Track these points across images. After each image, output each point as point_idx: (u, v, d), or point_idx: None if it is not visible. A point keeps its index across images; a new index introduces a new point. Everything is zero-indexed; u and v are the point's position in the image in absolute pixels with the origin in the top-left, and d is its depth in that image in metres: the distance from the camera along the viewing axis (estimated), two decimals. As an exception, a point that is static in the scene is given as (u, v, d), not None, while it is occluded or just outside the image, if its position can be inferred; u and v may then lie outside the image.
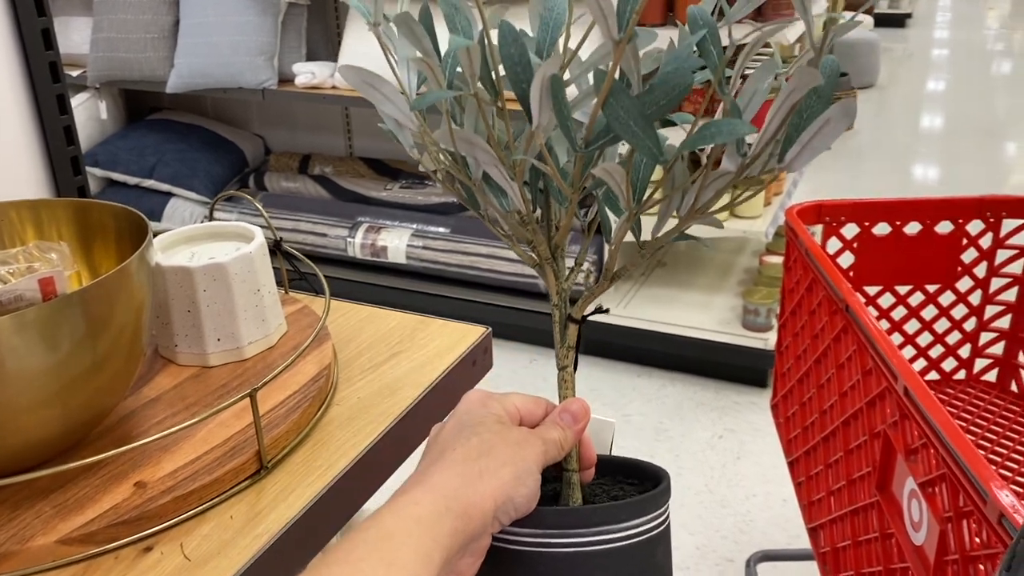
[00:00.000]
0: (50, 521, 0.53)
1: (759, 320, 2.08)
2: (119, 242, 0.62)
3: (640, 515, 0.46)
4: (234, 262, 0.66)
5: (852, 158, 3.99)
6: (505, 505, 0.43)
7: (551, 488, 0.50)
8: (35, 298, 0.51)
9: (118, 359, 0.57)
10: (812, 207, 1.30)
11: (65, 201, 0.63)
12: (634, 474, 0.52)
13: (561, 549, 0.45)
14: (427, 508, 0.41)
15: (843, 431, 1.06)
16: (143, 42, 2.71)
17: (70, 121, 0.90)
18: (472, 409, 0.48)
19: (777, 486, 1.85)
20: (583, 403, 0.50)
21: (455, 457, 0.44)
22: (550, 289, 0.49)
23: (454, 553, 0.42)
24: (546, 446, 0.46)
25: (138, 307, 0.57)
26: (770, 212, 2.13)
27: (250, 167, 3.00)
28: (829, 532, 1.12)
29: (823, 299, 1.12)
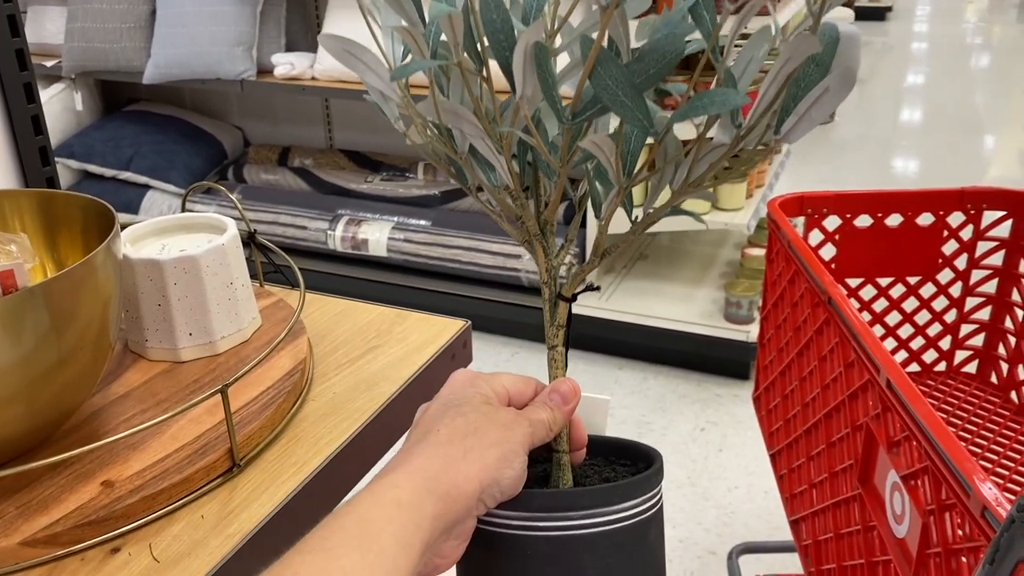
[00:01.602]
0: (13, 522, 0.51)
1: (741, 312, 2.08)
2: (85, 234, 0.60)
3: (630, 498, 0.45)
4: (206, 254, 0.64)
5: (833, 151, 4.00)
6: (490, 488, 0.43)
7: (541, 469, 0.49)
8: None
9: (85, 354, 0.55)
10: (794, 199, 1.30)
11: (29, 191, 0.61)
12: (627, 455, 0.51)
13: (549, 533, 0.44)
14: (408, 491, 0.40)
15: (825, 424, 1.05)
16: (119, 32, 2.67)
17: (38, 110, 0.88)
18: (458, 389, 0.47)
19: (759, 478, 1.85)
20: (573, 383, 0.48)
21: (439, 438, 0.43)
22: (539, 266, 0.48)
23: (436, 536, 0.41)
24: (533, 427, 0.45)
25: (105, 301, 0.56)
26: (752, 205, 2.13)
27: (229, 159, 2.97)
28: (811, 525, 1.12)
29: (805, 291, 1.12)
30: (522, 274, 2.30)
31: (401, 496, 0.40)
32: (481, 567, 0.46)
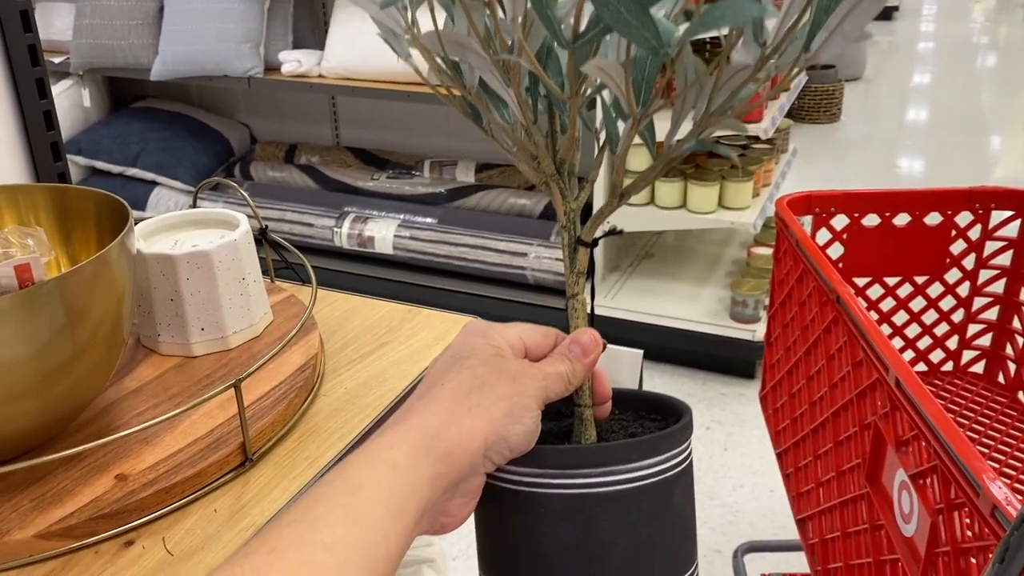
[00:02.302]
0: (28, 515, 0.51)
1: (747, 312, 2.08)
2: (99, 229, 0.60)
3: (652, 455, 0.42)
4: (218, 250, 0.64)
5: (839, 151, 4.00)
6: (498, 444, 0.40)
7: (567, 424, 0.47)
8: (11, 285, 0.49)
9: (98, 349, 0.56)
10: (802, 198, 1.30)
11: (43, 186, 0.61)
12: (659, 410, 0.48)
13: (563, 491, 0.41)
14: (403, 452, 0.38)
15: (833, 422, 1.05)
16: (127, 29, 2.67)
17: (50, 106, 0.88)
18: (468, 341, 0.44)
19: (764, 477, 1.85)
20: (594, 334, 0.45)
21: (442, 392, 0.41)
22: (557, 209, 0.45)
23: (438, 496, 0.39)
24: (548, 380, 0.42)
25: (119, 295, 0.56)
26: (758, 203, 2.13)
27: (236, 156, 2.97)
28: (818, 523, 1.12)
29: (813, 290, 1.12)
30: (528, 272, 2.30)
31: (395, 458, 0.38)
32: (495, 523, 0.44)
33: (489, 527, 0.44)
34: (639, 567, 0.42)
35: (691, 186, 2.05)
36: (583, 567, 0.41)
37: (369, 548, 0.35)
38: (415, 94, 2.30)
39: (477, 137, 2.72)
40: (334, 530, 0.34)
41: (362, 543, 0.35)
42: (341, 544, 0.34)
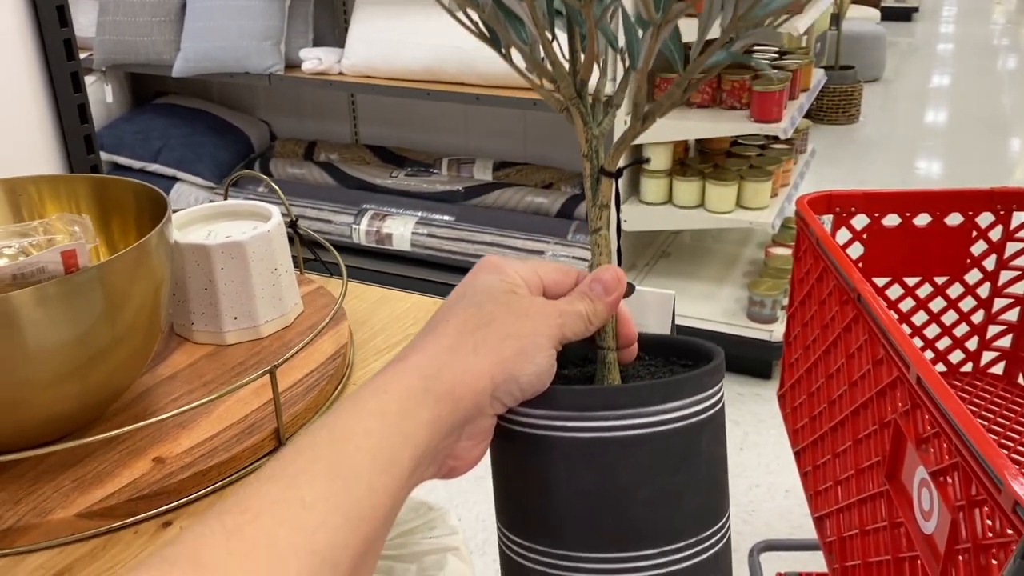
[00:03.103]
0: (70, 495, 0.53)
1: (765, 312, 2.08)
2: (138, 219, 0.62)
3: (675, 398, 0.39)
4: (252, 240, 0.66)
5: (858, 151, 3.98)
6: (507, 384, 0.37)
7: (591, 371, 0.44)
8: (57, 270, 0.50)
9: (137, 335, 0.57)
10: (822, 197, 1.30)
11: (84, 177, 0.63)
12: (691, 355, 0.45)
13: (578, 434, 0.39)
14: (397, 396, 0.35)
15: (852, 421, 1.06)
16: (149, 25, 2.70)
17: (84, 99, 0.90)
18: (480, 277, 0.41)
19: (780, 477, 1.85)
20: (617, 271, 0.42)
21: (447, 330, 0.38)
22: (579, 137, 0.42)
23: (439, 440, 0.36)
24: (564, 318, 0.40)
25: (158, 283, 0.57)
26: (776, 203, 2.13)
27: (256, 153, 3.00)
28: (836, 521, 1.12)
29: (833, 289, 1.12)
30: (545, 270, 2.31)
31: (386, 404, 0.35)
32: (507, 468, 0.42)
33: (502, 472, 0.42)
34: (661, 518, 0.39)
35: (709, 185, 2.05)
36: (600, 516, 0.39)
37: (353, 504, 0.32)
38: (435, 92, 2.32)
39: (495, 135, 2.73)
40: (314, 486, 0.32)
41: (345, 499, 0.32)
42: (321, 501, 0.31)
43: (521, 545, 0.41)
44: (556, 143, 2.65)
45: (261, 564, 0.29)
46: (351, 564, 0.31)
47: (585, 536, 0.39)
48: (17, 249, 0.52)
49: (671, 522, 0.39)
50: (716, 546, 0.41)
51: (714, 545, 0.41)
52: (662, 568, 0.39)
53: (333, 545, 0.31)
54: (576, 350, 0.45)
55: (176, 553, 0.29)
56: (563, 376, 0.44)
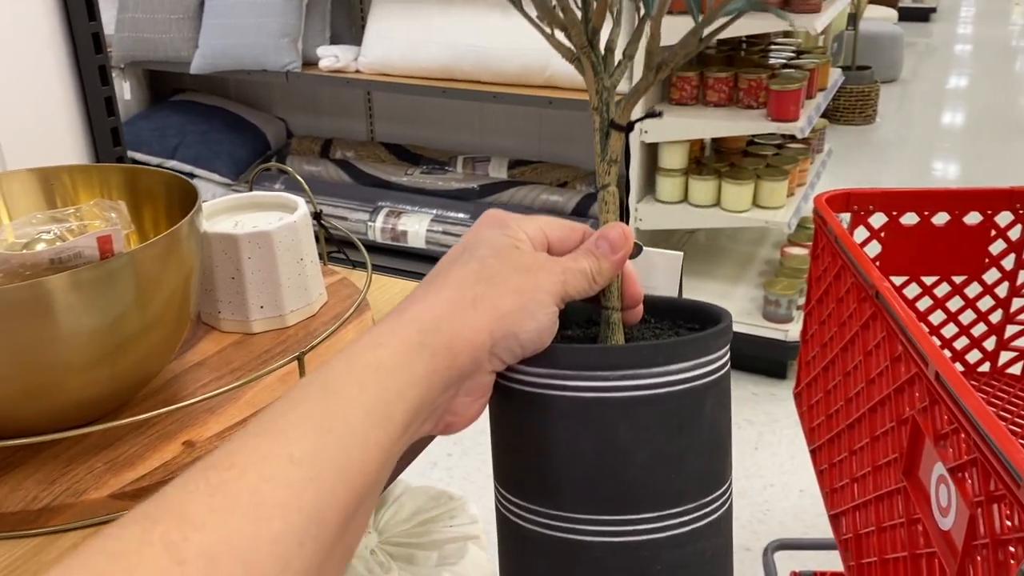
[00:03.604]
0: (102, 476, 0.54)
1: (780, 311, 2.08)
2: (168, 209, 0.63)
3: (679, 359, 0.38)
4: (279, 230, 0.67)
5: (874, 152, 3.97)
6: (506, 340, 0.37)
7: (595, 332, 0.43)
8: (93, 256, 0.52)
9: (168, 322, 0.58)
10: (841, 195, 1.30)
11: (117, 166, 0.64)
12: (699, 318, 0.44)
13: (577, 393, 0.38)
14: (393, 349, 0.34)
15: (869, 418, 1.06)
16: (168, 23, 2.72)
17: (111, 92, 0.91)
18: (482, 232, 0.40)
19: (794, 476, 1.85)
20: (624, 229, 0.41)
21: (446, 283, 0.37)
22: (589, 88, 0.41)
23: (435, 396, 0.35)
24: (567, 275, 0.39)
25: (188, 271, 0.58)
26: (793, 203, 2.13)
27: (272, 150, 3.02)
28: (852, 519, 1.12)
29: (851, 286, 1.12)
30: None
31: (381, 357, 0.34)
32: (505, 427, 0.41)
33: (500, 430, 0.41)
34: (660, 481, 0.38)
35: (725, 184, 2.05)
36: (598, 477, 0.38)
37: (344, 461, 0.31)
38: (451, 90, 2.33)
39: (510, 134, 2.74)
40: (304, 441, 0.31)
41: (336, 455, 0.31)
42: (310, 457, 0.30)
43: (517, 505, 0.40)
44: (571, 141, 2.65)
45: (244, 521, 0.28)
46: (340, 520, 0.31)
47: (582, 498, 0.38)
48: (54, 235, 0.53)
49: (671, 486, 0.39)
50: (717, 512, 0.40)
51: (715, 511, 0.40)
52: (661, 532, 0.39)
53: (321, 501, 0.30)
54: (581, 311, 0.44)
55: (158, 508, 0.28)
56: (566, 337, 0.43)
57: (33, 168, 0.63)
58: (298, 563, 0.29)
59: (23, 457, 0.56)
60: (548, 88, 2.25)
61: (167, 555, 0.26)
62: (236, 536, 0.28)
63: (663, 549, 0.39)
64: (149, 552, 0.26)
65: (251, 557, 0.28)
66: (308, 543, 0.29)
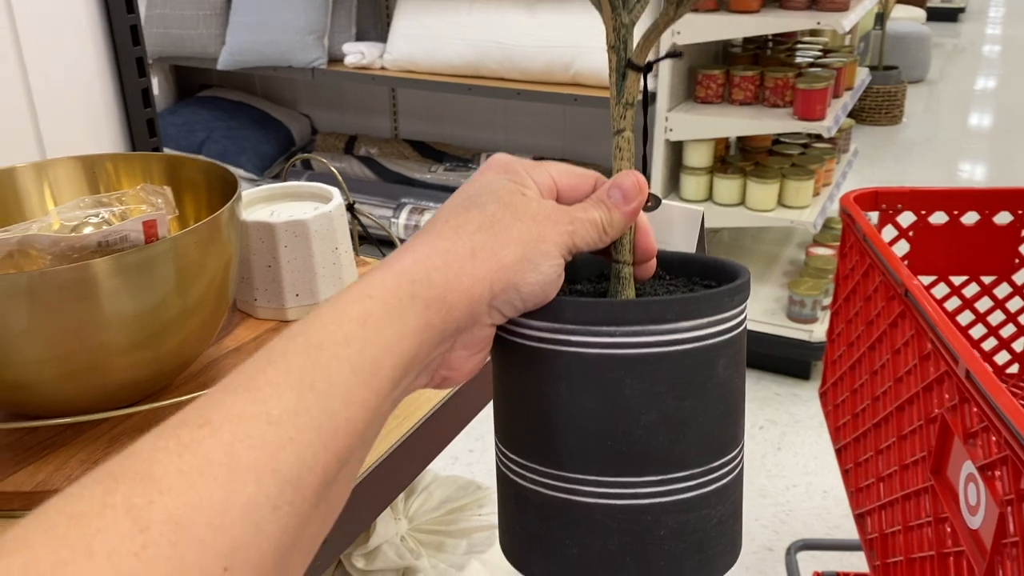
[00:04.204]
0: (143, 457, 0.55)
1: (805, 311, 2.07)
2: (209, 197, 0.64)
3: (691, 316, 0.36)
4: (315, 220, 0.68)
5: (900, 152, 3.93)
6: (507, 293, 0.35)
7: (606, 288, 0.41)
8: (138, 239, 0.53)
9: (207, 307, 0.59)
10: (869, 193, 1.29)
11: (158, 155, 0.65)
12: (716, 275, 0.42)
13: (582, 349, 0.36)
14: (382, 301, 0.32)
15: (896, 416, 1.05)
16: (195, 19, 2.75)
17: (148, 84, 0.93)
18: (486, 178, 0.38)
19: (818, 477, 1.84)
20: (637, 178, 0.39)
21: (443, 231, 0.35)
22: (606, 25, 0.39)
23: (429, 350, 0.34)
24: (575, 225, 0.37)
25: (228, 258, 0.59)
26: (818, 203, 2.12)
27: (297, 146, 3.04)
28: (878, 518, 1.12)
29: (879, 285, 1.12)
30: (583, 265, 2.32)
31: (370, 310, 0.32)
32: (507, 383, 0.40)
33: (501, 386, 0.40)
34: (666, 444, 0.37)
35: (751, 183, 2.05)
36: (600, 438, 0.36)
37: (326, 419, 0.29)
38: (476, 87, 2.33)
39: (534, 131, 2.74)
40: (283, 399, 0.29)
41: (317, 414, 0.29)
42: (290, 416, 0.29)
43: (517, 463, 0.39)
44: (595, 139, 2.65)
45: (215, 484, 0.26)
46: (319, 483, 0.29)
47: (584, 458, 0.37)
48: (101, 219, 0.54)
49: (677, 449, 0.37)
50: (725, 478, 0.39)
51: (723, 476, 0.38)
52: (665, 496, 0.37)
53: (299, 464, 0.28)
54: (592, 265, 0.43)
55: (124, 467, 0.26)
56: (575, 292, 0.42)
57: (77, 155, 0.64)
58: (272, 528, 0.27)
59: (67, 437, 0.57)
60: (573, 85, 2.25)
61: (129, 519, 0.25)
62: (205, 500, 0.26)
63: (667, 514, 0.37)
64: (110, 515, 0.25)
65: (221, 522, 0.26)
66: (284, 507, 0.28)
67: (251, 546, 0.26)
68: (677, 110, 2.05)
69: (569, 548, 0.37)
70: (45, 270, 0.51)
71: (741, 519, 0.41)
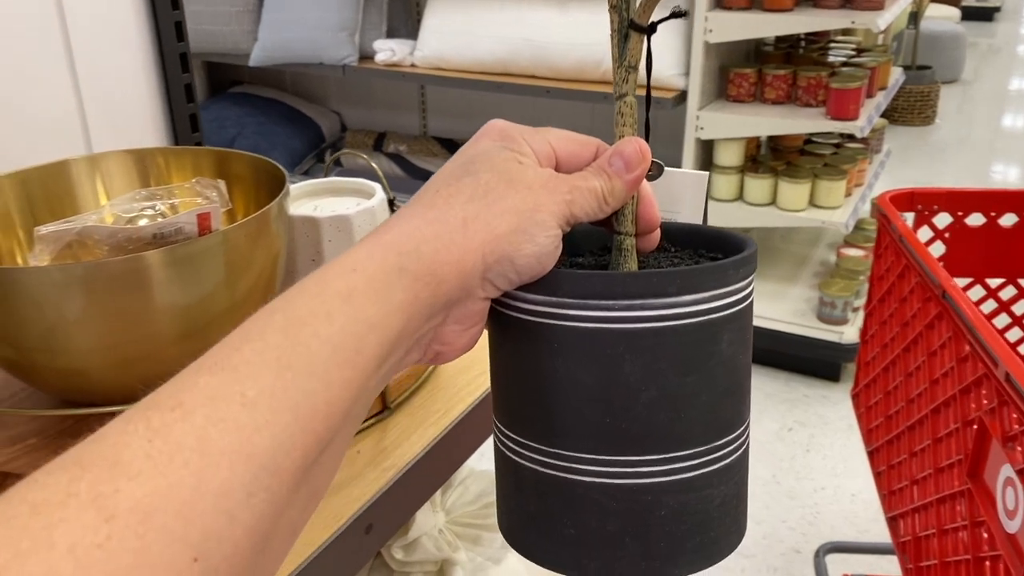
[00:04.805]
0: (192, 445, 0.56)
1: (835, 313, 2.05)
2: (256, 191, 0.65)
3: (695, 290, 0.35)
4: (358, 215, 0.69)
5: (933, 153, 3.89)
6: (500, 265, 0.33)
7: (607, 260, 0.40)
8: (192, 232, 0.54)
9: (255, 301, 0.60)
10: (905, 194, 1.28)
11: (208, 149, 0.66)
12: (723, 247, 0.40)
13: (580, 323, 0.35)
14: (368, 275, 0.31)
15: (932, 419, 1.04)
16: (228, 16, 2.78)
17: (191, 79, 0.94)
18: (481, 144, 0.36)
19: (847, 480, 1.83)
20: (640, 145, 0.37)
21: (434, 201, 0.34)
22: None
23: (418, 325, 0.32)
24: (574, 195, 0.35)
25: (276, 252, 0.60)
26: (850, 203, 2.10)
27: (326, 143, 3.07)
28: (911, 521, 1.11)
29: (916, 286, 1.11)
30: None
31: (355, 284, 0.31)
32: (503, 358, 0.38)
33: (497, 361, 0.39)
34: (666, 422, 0.35)
35: (782, 183, 2.04)
36: (598, 416, 0.35)
37: (305, 401, 0.28)
38: (505, 85, 2.34)
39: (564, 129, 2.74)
40: (259, 380, 0.27)
41: (296, 395, 0.28)
42: (266, 398, 0.27)
43: (514, 440, 0.38)
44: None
45: (185, 470, 0.25)
46: (298, 468, 0.28)
47: (581, 436, 0.36)
48: (156, 211, 0.56)
49: (678, 427, 0.35)
50: (729, 458, 0.37)
51: (727, 456, 0.37)
52: (665, 476, 0.36)
53: (276, 448, 0.27)
54: (596, 236, 0.41)
55: (91, 452, 0.25)
56: (576, 265, 0.40)
57: (129, 149, 0.65)
58: (247, 516, 0.26)
59: (118, 424, 0.58)
60: (603, 83, 2.25)
61: (94, 508, 0.23)
62: (175, 488, 0.25)
63: (667, 494, 0.36)
64: (74, 504, 0.24)
65: (191, 512, 0.25)
66: (259, 494, 0.26)
67: (224, 535, 0.25)
68: (708, 108, 2.05)
69: (567, 528, 0.37)
70: (100, 260, 0.52)
71: (746, 500, 0.40)
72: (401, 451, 0.58)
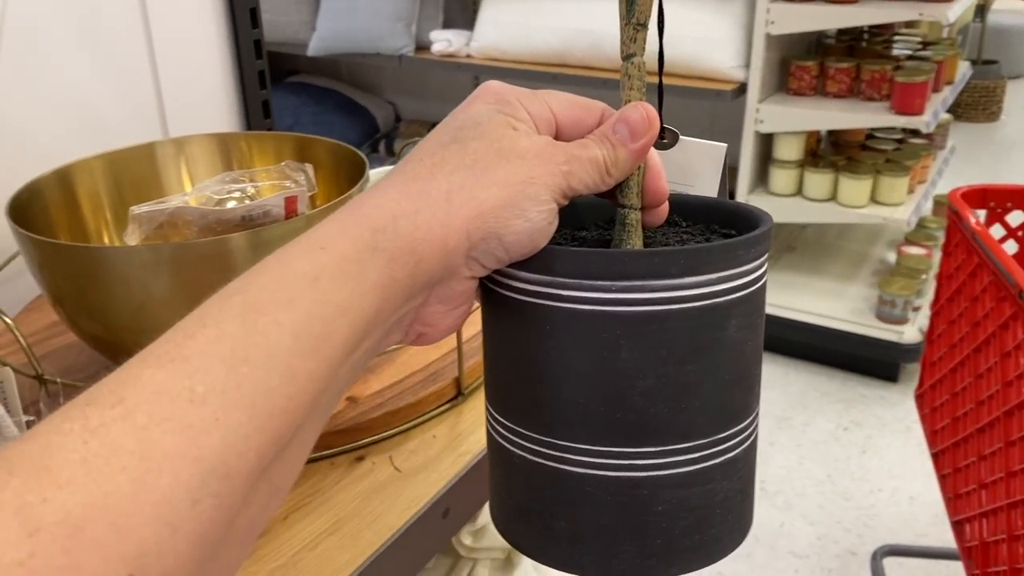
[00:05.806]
0: (273, 425, 0.57)
1: (895, 312, 2.01)
2: (336, 177, 0.66)
3: (701, 270, 0.32)
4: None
5: (999, 150, 3.78)
6: (487, 243, 0.30)
7: (611, 235, 0.36)
8: (279, 215, 0.54)
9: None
10: (977, 191, 1.25)
11: (289, 135, 0.67)
12: (737, 223, 0.37)
13: (578, 305, 0.32)
14: (338, 254, 0.28)
15: (1004, 422, 1.02)
16: (286, 5, 2.81)
17: (264, 66, 0.95)
18: (474, 108, 0.33)
19: (905, 482, 1.79)
20: (647, 110, 0.34)
21: (417, 171, 0.31)
22: None
23: (394, 308, 0.30)
24: (572, 165, 0.32)
25: (354, 235, 0.61)
26: (913, 200, 2.05)
27: (380, 133, 3.09)
28: (978, 526, 1.08)
29: (989, 285, 1.08)
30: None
31: (321, 264, 0.28)
32: (494, 340, 0.36)
33: (489, 342, 0.37)
34: (666, 413, 0.33)
35: (842, 178, 2.00)
36: (593, 405, 0.33)
37: (262, 397, 0.25)
38: (561, 76, 2.33)
39: (617, 122, 2.72)
40: (210, 374, 0.25)
41: (251, 391, 0.25)
42: (217, 394, 0.24)
43: (504, 426, 0.36)
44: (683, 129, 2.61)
45: (123, 476, 0.22)
46: (251, 468, 0.25)
47: (574, 425, 0.33)
48: (244, 193, 0.57)
49: (678, 418, 0.33)
50: (733, 451, 0.35)
51: (731, 449, 0.35)
52: (663, 469, 0.33)
53: (226, 449, 0.24)
54: (602, 209, 0.38)
55: (21, 455, 0.22)
56: (579, 239, 0.38)
57: (212, 133, 0.67)
58: (192, 525, 0.23)
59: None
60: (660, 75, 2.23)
61: (17, 521, 0.21)
62: (110, 497, 0.22)
63: (665, 489, 0.34)
64: None
65: (127, 523, 0.22)
66: (206, 500, 0.24)
67: (165, 548, 0.23)
68: (768, 101, 2.01)
69: (558, 521, 0.35)
70: (188, 242, 0.53)
71: (752, 496, 0.37)
72: (476, 436, 0.58)
